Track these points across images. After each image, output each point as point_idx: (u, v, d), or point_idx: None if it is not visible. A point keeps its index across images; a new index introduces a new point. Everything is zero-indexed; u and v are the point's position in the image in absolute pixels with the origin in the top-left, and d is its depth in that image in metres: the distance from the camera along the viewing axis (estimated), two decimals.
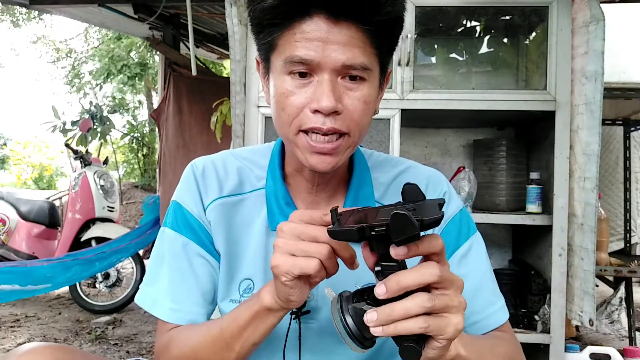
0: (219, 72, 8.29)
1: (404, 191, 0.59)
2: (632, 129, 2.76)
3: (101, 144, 5.83)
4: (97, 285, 3.83)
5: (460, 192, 2.00)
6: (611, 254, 2.60)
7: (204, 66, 4.60)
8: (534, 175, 1.97)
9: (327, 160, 0.72)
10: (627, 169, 2.73)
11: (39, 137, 12.84)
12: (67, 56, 10.83)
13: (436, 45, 2.25)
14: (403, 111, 1.89)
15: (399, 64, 1.88)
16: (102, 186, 4.01)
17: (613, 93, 2.39)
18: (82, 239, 3.83)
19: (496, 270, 2.05)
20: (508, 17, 2.15)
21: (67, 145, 4.24)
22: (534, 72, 2.07)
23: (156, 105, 5.08)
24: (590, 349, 1.86)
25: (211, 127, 2.54)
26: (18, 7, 6.35)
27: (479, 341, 0.73)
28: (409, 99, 1.89)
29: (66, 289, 3.97)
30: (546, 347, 1.87)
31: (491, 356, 0.72)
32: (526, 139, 2.19)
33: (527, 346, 1.65)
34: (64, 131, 5.52)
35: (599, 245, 2.25)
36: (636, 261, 2.52)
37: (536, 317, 1.93)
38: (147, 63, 9.38)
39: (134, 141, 9.68)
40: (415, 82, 1.90)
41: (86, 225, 3.91)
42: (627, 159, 2.73)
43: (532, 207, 1.95)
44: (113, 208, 4.08)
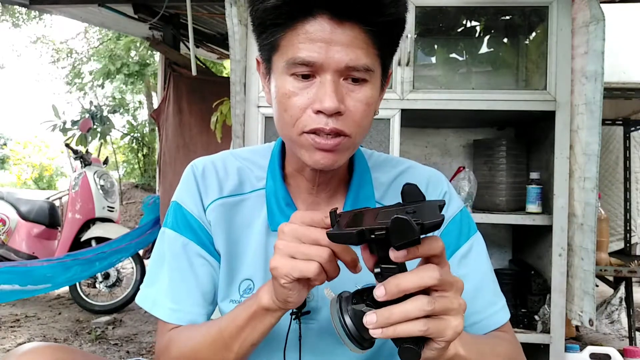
0: (219, 72, 8.29)
1: (403, 191, 0.59)
2: (632, 129, 2.76)
3: (101, 144, 5.83)
4: (97, 285, 3.83)
5: (460, 192, 2.00)
6: (611, 254, 2.60)
7: (204, 66, 4.60)
8: (534, 175, 1.97)
9: (329, 156, 0.72)
10: (627, 169, 2.73)
11: (39, 137, 12.85)
12: (68, 56, 10.82)
13: (436, 45, 2.25)
14: (403, 111, 1.89)
15: (399, 64, 1.88)
16: (102, 186, 4.01)
17: (613, 93, 2.39)
18: (82, 239, 3.83)
19: (496, 270, 2.05)
20: (508, 17, 2.15)
21: (67, 145, 4.24)
22: (534, 72, 2.07)
23: (156, 105, 5.08)
24: (590, 349, 1.86)
25: (211, 127, 2.54)
26: (18, 7, 6.34)
27: (479, 341, 0.73)
28: (409, 99, 1.89)
29: (66, 289, 3.97)
30: (546, 347, 1.87)
31: (491, 356, 0.72)
32: (526, 139, 2.19)
33: (527, 346, 1.65)
34: (64, 130, 5.53)
35: (599, 245, 2.25)
36: (636, 261, 2.52)
37: (536, 317, 1.93)
38: (147, 63, 9.37)
39: (134, 141, 9.68)
40: (415, 82, 1.90)
41: (86, 225, 3.91)
42: (627, 159, 2.73)
43: (532, 207, 1.95)
44: (113, 208, 4.08)
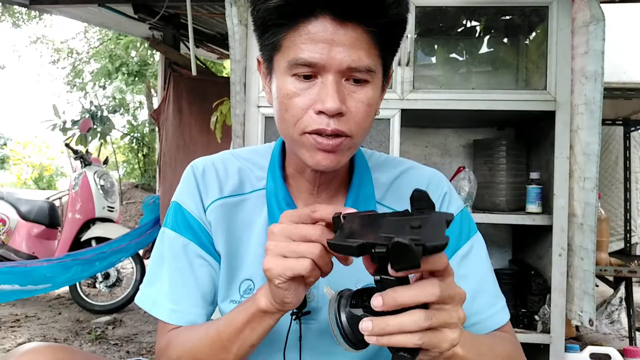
0: (219, 72, 8.28)
1: (412, 198, 0.57)
2: (632, 129, 2.77)
3: (101, 144, 5.83)
4: (97, 285, 3.83)
5: (460, 192, 2.00)
6: (611, 254, 2.61)
7: (204, 66, 4.60)
8: (534, 175, 1.97)
9: (330, 157, 0.72)
10: (627, 169, 2.73)
11: (39, 137, 12.85)
12: (69, 56, 10.82)
13: (436, 45, 2.25)
14: (403, 111, 1.89)
15: (399, 64, 1.88)
16: (102, 186, 4.01)
17: (613, 93, 2.39)
18: (82, 239, 3.83)
19: (496, 270, 2.05)
20: (508, 17, 2.15)
21: (67, 145, 4.24)
22: (534, 72, 2.07)
23: (156, 105, 5.08)
24: (590, 349, 1.86)
25: (211, 127, 2.54)
26: (18, 7, 6.34)
27: (479, 340, 0.73)
28: (409, 99, 1.89)
29: (66, 289, 3.97)
30: (546, 347, 1.87)
31: (491, 356, 0.72)
32: (526, 139, 2.19)
33: (527, 346, 1.65)
34: (64, 130, 5.52)
35: (599, 245, 2.26)
36: (636, 261, 2.52)
37: (536, 317, 1.93)
38: (147, 63, 9.36)
39: (134, 141, 9.68)
40: (415, 82, 1.90)
41: (86, 225, 3.91)
42: (627, 159, 2.73)
43: (532, 207, 1.95)
44: (113, 208, 4.08)
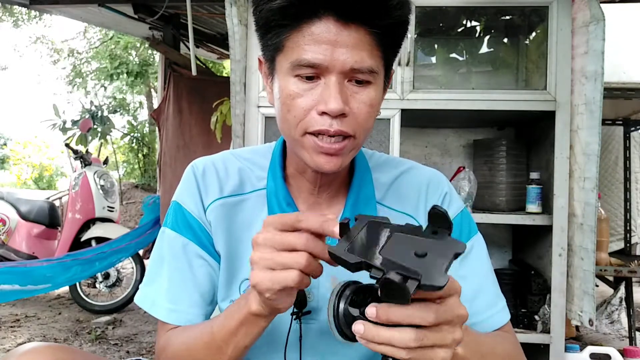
0: (219, 72, 8.28)
1: (430, 215, 0.56)
2: (632, 129, 2.77)
3: (101, 144, 5.84)
4: (97, 285, 3.83)
5: (460, 192, 2.00)
6: (611, 254, 2.61)
7: (204, 66, 4.60)
8: (534, 175, 1.97)
9: (333, 160, 0.72)
10: (627, 169, 2.73)
11: (39, 137, 12.85)
12: (69, 56, 10.82)
13: (436, 45, 2.25)
14: (403, 111, 1.89)
15: (399, 64, 1.88)
16: (102, 186, 4.01)
17: (613, 93, 2.39)
18: (82, 239, 3.83)
19: (496, 270, 2.04)
20: (508, 17, 2.15)
21: (67, 145, 4.24)
22: (534, 72, 2.07)
23: (156, 105, 5.08)
24: (590, 349, 1.86)
25: (211, 127, 2.55)
26: (18, 7, 6.35)
27: (479, 340, 0.72)
28: (409, 99, 1.89)
29: (66, 289, 3.97)
30: (546, 347, 1.87)
31: (491, 356, 0.72)
32: (526, 139, 2.19)
33: (527, 346, 1.65)
34: (64, 129, 5.53)
35: (599, 245, 2.26)
36: (636, 261, 2.52)
37: (536, 317, 1.93)
38: (148, 63, 9.36)
39: (134, 141, 9.67)
40: (415, 82, 1.90)
41: (86, 225, 3.91)
42: (627, 159, 2.73)
43: (532, 207, 1.95)
44: (113, 208, 4.08)
